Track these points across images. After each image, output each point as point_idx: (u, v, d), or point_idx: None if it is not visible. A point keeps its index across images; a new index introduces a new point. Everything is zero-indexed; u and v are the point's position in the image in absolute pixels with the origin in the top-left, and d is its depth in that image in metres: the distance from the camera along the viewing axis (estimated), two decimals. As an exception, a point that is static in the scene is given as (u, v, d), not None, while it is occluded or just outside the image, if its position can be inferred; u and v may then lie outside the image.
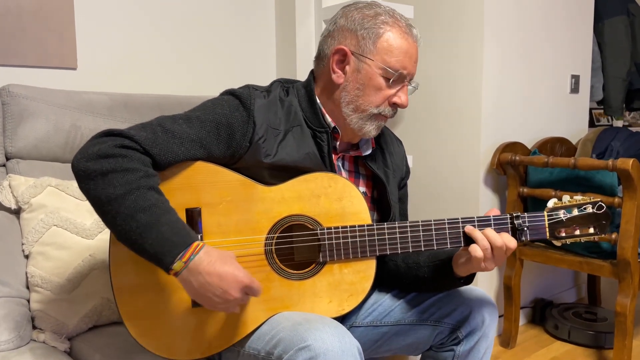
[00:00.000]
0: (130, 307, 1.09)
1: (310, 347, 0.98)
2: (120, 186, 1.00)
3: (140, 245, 1.00)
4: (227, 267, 1.00)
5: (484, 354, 1.27)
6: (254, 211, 1.14)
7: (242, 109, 1.16)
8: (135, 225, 0.99)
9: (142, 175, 1.02)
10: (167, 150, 1.08)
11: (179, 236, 1.00)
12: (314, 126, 1.22)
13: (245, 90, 1.19)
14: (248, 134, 1.15)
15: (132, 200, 0.99)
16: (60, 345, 1.35)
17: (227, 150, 1.15)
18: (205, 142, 1.12)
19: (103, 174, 1.00)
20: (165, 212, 1.01)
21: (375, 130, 1.24)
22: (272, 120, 1.18)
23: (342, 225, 1.15)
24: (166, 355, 1.11)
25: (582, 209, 1.16)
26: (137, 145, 1.05)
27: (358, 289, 1.17)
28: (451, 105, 2.41)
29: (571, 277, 2.92)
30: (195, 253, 1.00)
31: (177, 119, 1.12)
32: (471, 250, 1.12)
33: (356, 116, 1.21)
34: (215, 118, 1.14)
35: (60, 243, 1.41)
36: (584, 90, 2.83)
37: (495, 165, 2.29)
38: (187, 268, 0.99)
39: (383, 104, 1.21)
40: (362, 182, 1.32)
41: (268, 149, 1.16)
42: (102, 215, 1.02)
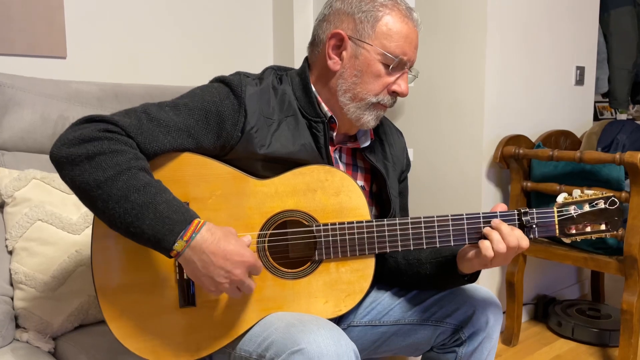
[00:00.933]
0: (114, 308, 1.04)
1: (304, 350, 0.93)
2: (109, 168, 0.94)
3: (136, 228, 0.93)
4: (231, 246, 0.95)
5: (487, 355, 1.22)
6: (245, 206, 1.08)
7: (232, 96, 1.10)
8: (130, 207, 0.93)
9: (132, 157, 0.97)
10: (152, 139, 1.02)
11: (178, 213, 0.94)
12: (310, 116, 1.16)
13: (236, 77, 1.13)
14: (239, 124, 1.09)
15: (124, 181, 0.93)
16: (44, 345, 1.31)
17: (217, 141, 1.08)
18: (194, 131, 1.06)
19: (89, 157, 0.94)
20: (161, 190, 0.96)
21: (374, 121, 1.18)
22: (265, 109, 1.12)
23: (339, 222, 1.09)
24: (152, 357, 1.06)
25: (593, 204, 1.10)
26: (121, 130, 0.99)
27: (356, 289, 1.11)
28: (453, 97, 2.36)
29: (574, 273, 2.89)
30: (197, 231, 0.94)
31: (164, 106, 1.06)
32: (482, 248, 1.06)
33: (354, 105, 1.15)
34: (204, 106, 1.07)
35: (45, 238, 1.36)
36: (589, 82, 2.78)
37: (498, 159, 2.25)
38: (189, 247, 0.94)
39: (382, 92, 1.15)
40: (360, 175, 1.26)
41: (261, 139, 1.10)
42: (91, 202, 0.95)
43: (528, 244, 1.07)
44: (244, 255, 0.96)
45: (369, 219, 1.11)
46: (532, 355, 2.26)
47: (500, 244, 1.05)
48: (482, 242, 1.07)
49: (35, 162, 1.48)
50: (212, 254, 0.94)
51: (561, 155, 2.06)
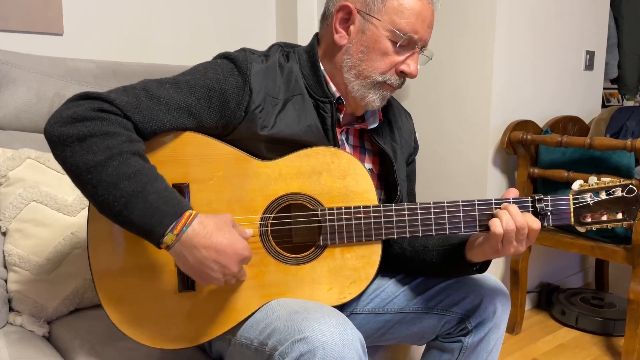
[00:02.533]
0: (111, 292, 1.00)
1: (308, 339, 0.89)
2: (100, 152, 0.89)
3: (125, 217, 0.89)
4: (225, 240, 0.91)
5: (494, 346, 1.19)
6: (248, 188, 1.03)
7: (237, 74, 1.05)
8: (119, 195, 0.88)
9: (125, 140, 0.92)
10: (151, 118, 0.97)
11: (168, 205, 0.90)
12: (317, 96, 1.11)
13: (241, 53, 1.08)
14: (243, 102, 1.04)
15: (115, 167, 0.89)
16: (39, 329, 1.27)
17: (220, 120, 1.04)
18: (195, 110, 1.01)
19: (80, 139, 0.89)
20: (153, 179, 0.91)
21: (380, 101, 1.13)
22: (271, 88, 1.07)
23: (345, 206, 1.05)
24: (150, 343, 1.02)
25: (610, 192, 1.05)
26: (117, 109, 0.94)
27: (361, 276, 1.07)
28: (460, 81, 2.32)
29: (578, 261, 2.87)
30: (188, 224, 0.90)
31: (164, 83, 1.01)
32: (491, 225, 1.02)
33: (358, 83, 1.11)
34: (207, 83, 1.02)
35: (40, 220, 1.32)
36: (598, 67, 2.74)
37: (505, 145, 2.21)
38: (179, 241, 0.89)
39: (389, 72, 1.10)
40: (367, 158, 1.21)
41: (265, 119, 1.05)
42: (81, 186, 0.91)
43: (539, 226, 1.02)
44: (237, 248, 0.92)
45: (377, 204, 1.07)
46: (535, 344, 2.24)
47: (509, 221, 1.01)
48: (492, 220, 1.03)
49: (30, 141, 1.43)
50: (204, 248, 0.90)
51: (570, 141, 2.02)
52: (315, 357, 0.88)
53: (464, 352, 1.17)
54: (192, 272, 0.93)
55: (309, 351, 0.88)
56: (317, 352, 0.88)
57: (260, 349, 0.99)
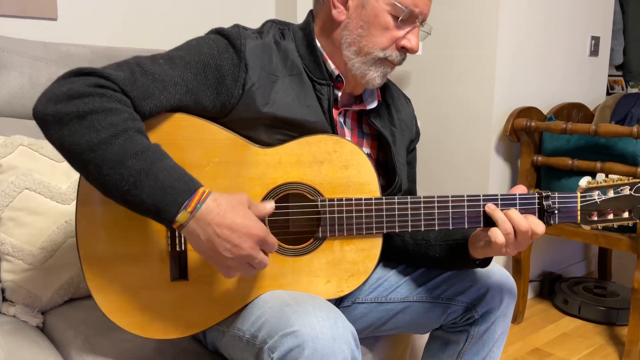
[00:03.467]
0: (100, 280, 0.97)
1: (297, 333, 0.86)
2: (103, 129, 0.84)
3: (134, 197, 0.85)
4: (239, 218, 0.86)
5: (500, 335, 1.17)
6: (246, 176, 0.99)
7: (231, 50, 1.00)
8: (127, 173, 0.84)
9: (128, 117, 0.87)
10: (147, 95, 0.92)
11: (181, 182, 0.86)
12: (315, 77, 1.07)
13: (235, 29, 1.04)
14: (240, 80, 1.00)
15: (120, 144, 0.84)
16: (32, 319, 1.25)
17: (217, 98, 0.99)
18: (192, 86, 0.97)
19: (80, 116, 0.84)
20: (161, 156, 0.87)
21: (381, 78, 1.09)
22: (268, 65, 1.03)
23: (346, 197, 1.01)
24: (140, 333, 0.99)
25: (618, 190, 1.03)
26: (115, 85, 0.89)
27: (360, 269, 1.04)
28: (462, 67, 2.29)
29: (581, 250, 2.85)
30: (202, 201, 0.85)
31: (157, 59, 0.96)
32: (491, 235, 0.99)
33: (359, 60, 1.06)
34: (201, 59, 0.98)
35: (33, 208, 1.29)
36: (603, 53, 2.71)
37: (508, 132, 2.18)
38: (194, 218, 0.85)
39: (390, 47, 1.06)
40: (366, 142, 1.18)
41: (264, 97, 1.01)
42: (82, 167, 0.86)
43: (544, 230, 1.00)
44: (251, 227, 0.87)
45: (379, 196, 1.04)
46: (537, 333, 2.23)
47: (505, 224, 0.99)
48: (492, 230, 1.00)
49: (23, 128, 1.40)
50: (217, 226, 0.85)
51: (575, 128, 1.99)
52: (304, 351, 0.85)
53: (470, 342, 1.16)
54: (204, 252, 0.89)
55: (298, 345, 0.86)
56: (306, 347, 0.85)
57: (251, 342, 0.96)
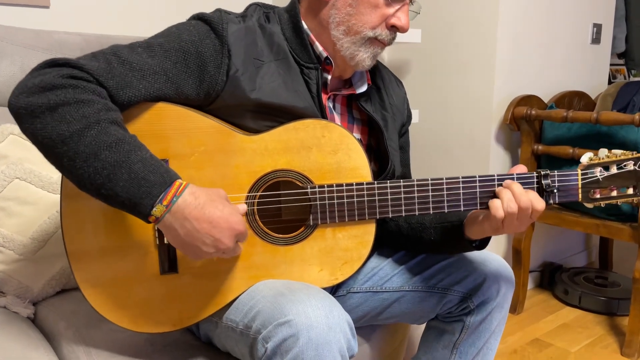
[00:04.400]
0: (89, 274, 0.95)
1: (291, 322, 0.85)
2: (75, 121, 0.82)
3: (109, 190, 0.83)
4: (218, 212, 0.85)
5: (497, 326, 1.15)
6: (232, 164, 0.97)
7: (213, 35, 0.98)
8: (101, 166, 0.82)
9: (101, 108, 0.85)
10: (125, 84, 0.90)
11: (156, 174, 0.84)
12: (302, 61, 1.05)
13: (216, 14, 1.01)
14: (223, 66, 0.97)
15: (93, 136, 0.82)
16: (23, 310, 1.23)
17: (201, 86, 0.97)
18: (172, 74, 0.95)
19: (51, 108, 0.83)
20: (136, 148, 0.85)
21: (370, 60, 1.06)
22: (252, 50, 1.01)
23: (336, 183, 0.99)
24: (131, 327, 0.98)
25: (621, 166, 0.99)
26: (88, 75, 0.87)
27: (354, 256, 1.02)
28: (462, 55, 2.26)
29: (582, 240, 2.83)
30: (179, 194, 0.84)
31: (135, 48, 0.94)
32: (491, 208, 0.96)
33: (348, 40, 1.04)
34: (182, 46, 0.96)
35: (24, 198, 1.28)
36: (605, 40, 2.67)
37: (508, 120, 2.16)
38: (170, 212, 0.84)
39: (380, 26, 1.03)
40: (356, 127, 1.15)
41: (250, 83, 0.99)
42: (55, 160, 0.85)
43: (543, 207, 0.97)
44: (232, 222, 0.86)
45: (370, 180, 1.01)
46: (537, 323, 2.21)
47: (511, 203, 0.95)
48: (492, 201, 0.97)
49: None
50: (195, 220, 0.84)
51: (576, 116, 1.97)
52: (299, 341, 0.84)
53: (465, 332, 1.14)
54: (182, 246, 0.88)
55: (292, 335, 0.84)
56: (301, 336, 0.84)
57: (245, 332, 0.95)
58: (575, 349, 2.01)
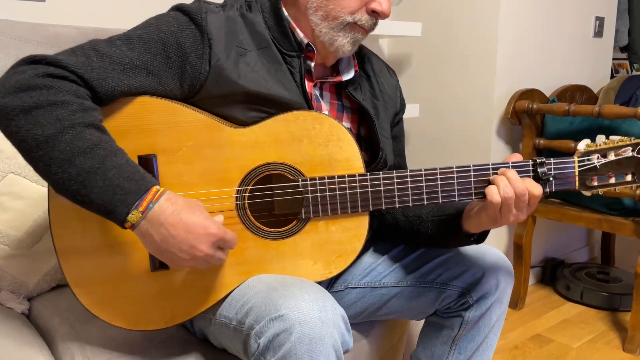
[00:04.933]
0: (78, 273, 0.94)
1: (284, 317, 0.84)
2: (49, 125, 0.81)
3: (84, 197, 0.83)
4: (195, 217, 0.84)
5: (496, 321, 1.14)
6: (221, 158, 0.96)
7: (192, 26, 0.97)
8: (75, 172, 0.81)
9: (76, 109, 0.84)
10: (106, 76, 0.89)
11: (131, 181, 0.83)
12: (284, 49, 1.03)
13: (195, 4, 1.00)
14: (205, 56, 0.96)
15: (67, 141, 0.81)
16: (18, 306, 1.23)
17: (183, 78, 0.96)
18: (152, 67, 0.93)
19: (25, 110, 0.82)
20: (112, 153, 0.84)
21: (351, 45, 1.04)
22: (234, 38, 0.99)
23: (328, 176, 0.98)
24: (124, 325, 0.98)
25: (619, 152, 0.97)
26: (66, 72, 0.86)
27: (347, 249, 1.01)
28: (463, 48, 2.24)
29: (584, 235, 2.81)
30: (155, 200, 0.83)
31: (114, 41, 0.93)
32: (488, 194, 0.95)
33: (326, 25, 1.02)
34: (161, 37, 0.94)
35: (18, 192, 1.27)
36: (608, 34, 2.65)
37: (510, 114, 2.14)
38: (145, 219, 0.83)
39: (359, 11, 1.01)
40: (346, 116, 1.14)
41: (234, 71, 0.97)
42: (33, 163, 0.84)
43: (541, 192, 0.95)
44: (208, 227, 0.85)
45: (363, 172, 1.00)
46: (539, 319, 2.19)
47: (507, 188, 0.94)
48: (489, 188, 0.96)
49: (9, 111, 1.38)
50: (171, 226, 0.83)
51: (578, 110, 1.95)
52: (292, 336, 0.83)
53: (464, 327, 1.13)
54: (159, 253, 0.87)
55: (285, 330, 0.83)
56: (294, 331, 0.83)
57: (238, 328, 0.94)
58: (577, 345, 1.99)
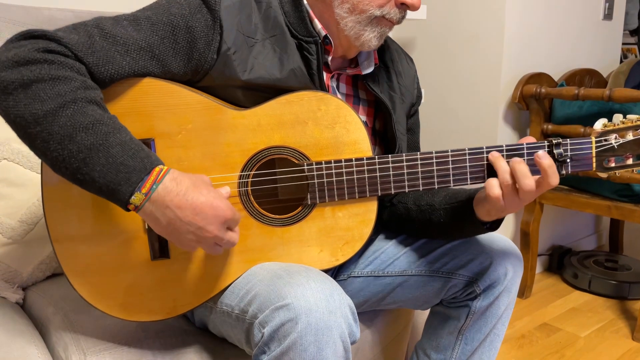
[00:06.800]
0: (75, 262, 0.91)
1: (290, 306, 0.80)
2: (49, 99, 0.77)
3: (85, 175, 0.78)
4: (202, 197, 0.80)
5: (504, 311, 1.10)
6: (222, 142, 0.92)
7: (205, 10, 0.92)
8: (76, 149, 0.77)
9: (79, 86, 0.80)
10: (107, 60, 0.85)
11: (135, 159, 0.79)
12: (300, 35, 0.98)
13: None
14: (214, 43, 0.91)
15: (68, 116, 0.77)
16: (12, 295, 1.19)
17: (188, 64, 0.92)
18: (158, 51, 0.89)
19: (24, 85, 0.77)
20: (115, 130, 0.80)
21: (377, 40, 1.00)
22: (246, 26, 0.95)
23: (334, 159, 0.94)
24: (124, 316, 0.94)
25: (638, 132, 0.93)
26: (66, 50, 0.82)
27: (355, 236, 0.97)
28: (469, 32, 2.20)
29: (592, 223, 2.78)
30: (159, 181, 0.79)
31: (121, 20, 0.88)
32: (487, 186, 0.91)
33: (353, 19, 0.98)
34: (170, 20, 0.90)
35: (12, 179, 1.23)
36: (618, 16, 2.60)
37: (517, 99, 2.09)
38: (150, 200, 0.79)
39: (388, 4, 0.97)
40: (362, 108, 1.10)
41: (241, 63, 0.93)
42: (29, 141, 0.80)
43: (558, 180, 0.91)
44: (217, 208, 0.81)
45: (370, 155, 0.96)
46: (546, 308, 2.16)
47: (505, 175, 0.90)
48: (488, 181, 0.92)
49: (2, 95, 1.34)
50: (177, 208, 0.79)
51: (588, 93, 1.90)
52: (298, 325, 0.79)
53: (471, 317, 1.09)
54: (167, 235, 0.83)
55: (291, 319, 0.79)
56: (300, 320, 0.79)
57: (241, 317, 0.90)
58: (584, 334, 1.96)
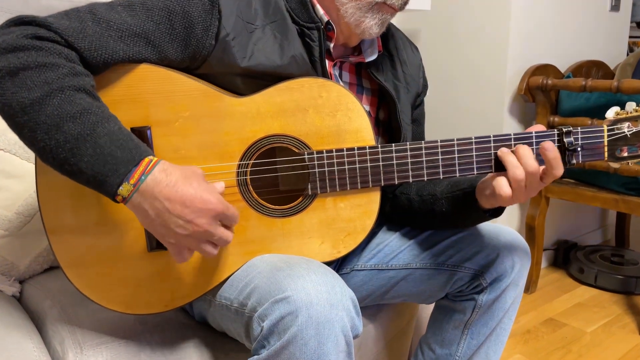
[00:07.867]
0: (71, 254, 0.88)
1: (290, 299, 0.78)
2: (36, 87, 0.75)
3: (72, 166, 0.76)
4: (192, 189, 0.77)
5: (511, 305, 1.07)
6: (221, 130, 0.89)
7: None
8: (63, 139, 0.75)
9: (67, 73, 0.77)
10: (99, 45, 0.82)
11: (124, 150, 0.76)
12: (302, 21, 0.96)
13: None
14: (212, 29, 0.89)
15: (56, 105, 0.75)
16: (9, 288, 1.18)
17: (186, 51, 0.89)
18: (154, 37, 0.86)
19: (11, 72, 0.75)
20: (104, 119, 0.77)
21: (378, 27, 0.98)
22: (245, 12, 0.92)
23: (336, 148, 0.91)
24: (121, 309, 0.92)
25: None
26: (56, 35, 0.79)
27: (357, 227, 0.95)
28: (474, 22, 2.18)
29: (597, 217, 2.75)
30: (148, 172, 0.76)
31: (115, 6, 0.86)
32: (496, 186, 0.89)
33: (353, 5, 0.95)
34: (166, 5, 0.87)
35: (9, 171, 1.21)
36: (625, 8, 2.57)
37: (523, 91, 2.07)
38: (138, 191, 0.76)
39: None
40: (365, 97, 1.07)
41: (241, 49, 0.90)
42: (18, 130, 0.78)
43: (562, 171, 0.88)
44: (207, 201, 0.78)
45: (373, 144, 0.93)
46: (551, 303, 2.14)
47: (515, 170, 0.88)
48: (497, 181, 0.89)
49: (-1, 85, 1.32)
50: (166, 200, 0.76)
51: (595, 85, 1.87)
52: (298, 319, 0.76)
53: (477, 311, 1.07)
54: (154, 229, 0.80)
55: (291, 312, 0.77)
56: (300, 314, 0.76)
57: (240, 310, 0.88)
58: (591, 329, 1.94)
